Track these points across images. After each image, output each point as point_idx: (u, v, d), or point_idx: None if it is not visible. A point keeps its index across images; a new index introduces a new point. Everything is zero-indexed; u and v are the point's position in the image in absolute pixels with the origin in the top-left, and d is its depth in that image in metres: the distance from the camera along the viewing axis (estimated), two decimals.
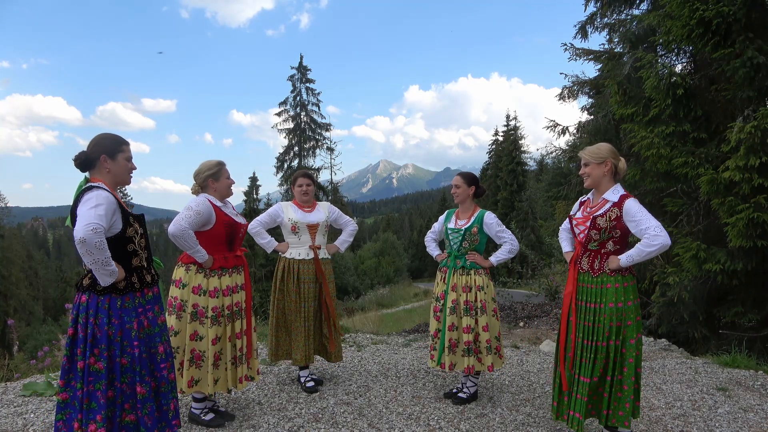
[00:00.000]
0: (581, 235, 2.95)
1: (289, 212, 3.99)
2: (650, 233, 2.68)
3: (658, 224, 2.70)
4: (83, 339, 2.27)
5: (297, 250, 3.97)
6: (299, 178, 4.05)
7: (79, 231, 2.14)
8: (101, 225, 2.19)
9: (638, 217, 2.74)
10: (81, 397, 2.23)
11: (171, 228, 3.00)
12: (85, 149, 2.43)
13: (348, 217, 4.31)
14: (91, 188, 2.31)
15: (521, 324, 8.07)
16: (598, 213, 2.86)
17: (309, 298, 3.91)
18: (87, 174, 2.45)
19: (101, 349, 2.27)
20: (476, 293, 3.64)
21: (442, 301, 3.76)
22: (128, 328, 2.34)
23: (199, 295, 3.15)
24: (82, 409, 2.23)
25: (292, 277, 3.90)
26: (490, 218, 3.71)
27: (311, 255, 3.96)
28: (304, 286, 3.91)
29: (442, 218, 3.98)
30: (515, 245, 3.74)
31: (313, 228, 3.98)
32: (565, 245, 3.25)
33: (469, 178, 3.80)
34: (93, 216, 2.18)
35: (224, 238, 3.22)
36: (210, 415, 3.30)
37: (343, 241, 4.24)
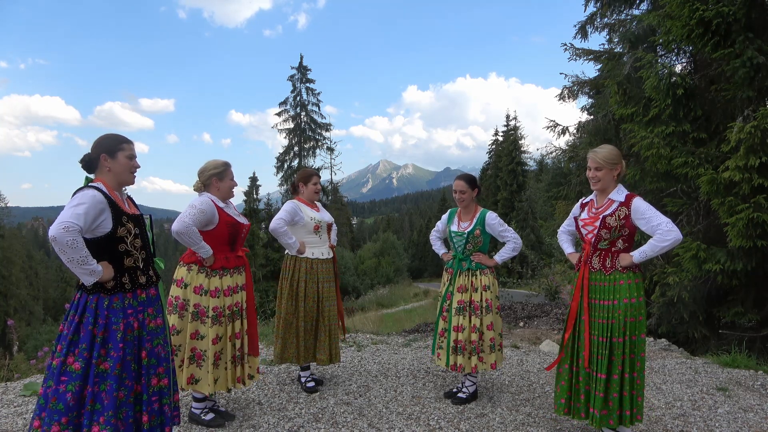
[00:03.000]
0: (590, 236, 3.00)
1: (307, 211, 3.90)
2: (663, 228, 2.76)
3: (669, 220, 2.78)
4: (65, 336, 2.24)
5: (319, 249, 3.93)
6: (314, 176, 4.00)
7: (52, 229, 2.14)
8: (76, 224, 2.17)
9: (648, 214, 2.81)
10: (49, 395, 2.18)
11: (175, 225, 3.01)
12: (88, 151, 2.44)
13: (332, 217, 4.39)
14: (83, 188, 2.32)
15: (521, 324, 8.06)
16: (606, 213, 2.92)
17: (330, 297, 3.93)
18: (92, 175, 2.45)
19: (81, 349, 2.22)
20: (482, 293, 3.67)
21: (448, 302, 3.79)
22: (114, 329, 2.28)
23: (201, 295, 3.16)
24: (47, 407, 2.17)
25: (314, 278, 3.87)
26: (492, 218, 3.72)
27: (331, 254, 4.00)
28: (323, 285, 3.91)
29: (444, 218, 3.99)
30: (519, 243, 3.78)
31: (329, 227, 4.02)
32: (567, 246, 3.33)
33: (472, 181, 3.79)
34: (69, 215, 2.17)
35: (227, 238, 3.23)
36: (210, 415, 3.30)
37: (334, 240, 4.27)
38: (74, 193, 2.30)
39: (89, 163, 2.42)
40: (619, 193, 2.93)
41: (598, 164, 2.96)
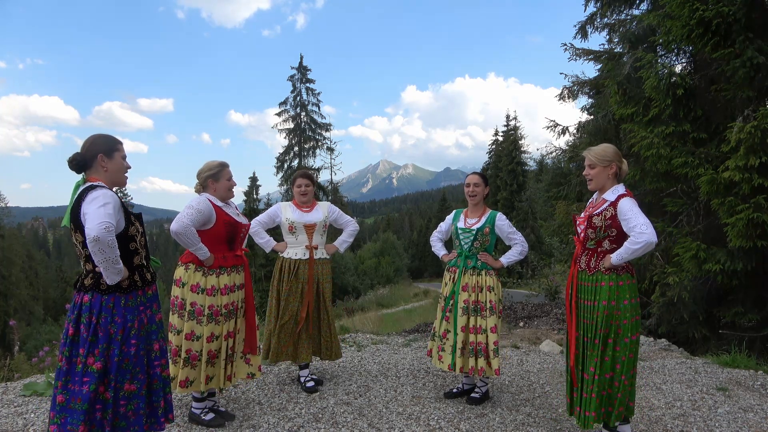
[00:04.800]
0: (581, 234, 2.99)
1: (287, 212, 4.01)
2: (636, 231, 2.70)
3: (646, 222, 2.71)
4: (85, 339, 2.26)
5: (294, 249, 3.99)
6: (298, 178, 4.07)
7: (93, 229, 2.15)
8: (112, 223, 2.21)
9: (628, 215, 2.76)
10: (75, 397, 2.23)
11: (174, 225, 3.03)
12: (79, 151, 2.43)
13: (349, 218, 4.29)
14: (94, 187, 2.31)
15: (521, 324, 8.07)
16: (595, 212, 2.91)
17: (301, 298, 3.92)
18: (83, 175, 2.45)
19: (101, 348, 2.27)
20: (486, 294, 3.64)
21: (452, 302, 3.74)
22: (129, 327, 2.36)
23: (197, 294, 3.18)
24: (69, 408, 2.23)
25: (290, 277, 3.91)
26: (502, 220, 3.73)
27: (308, 255, 3.96)
28: (303, 285, 3.91)
29: (449, 218, 3.96)
30: (526, 247, 3.77)
31: (310, 228, 3.97)
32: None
33: (485, 178, 3.82)
34: (103, 214, 2.20)
35: (224, 237, 3.24)
36: (210, 415, 3.31)
37: (343, 242, 4.24)
38: (84, 193, 2.29)
39: (81, 163, 2.41)
40: (613, 193, 2.88)
41: (591, 162, 2.94)
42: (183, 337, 3.15)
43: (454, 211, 3.98)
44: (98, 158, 2.40)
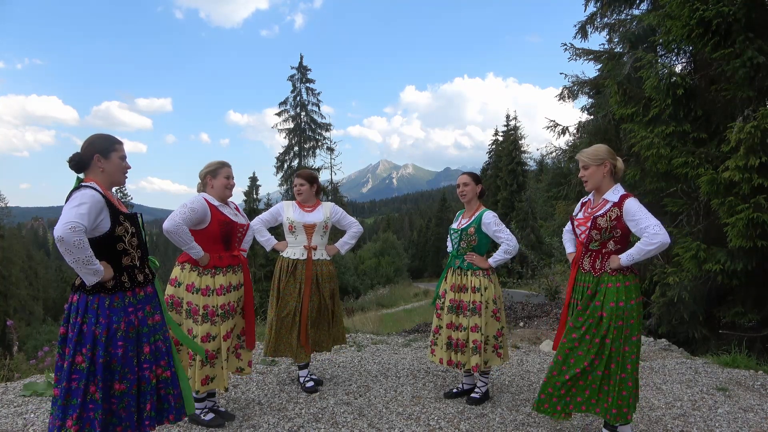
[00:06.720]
0: (582, 236, 2.97)
1: (288, 211, 4.02)
2: (649, 232, 2.70)
3: (658, 223, 2.72)
4: (71, 338, 2.27)
5: (292, 249, 4.00)
6: (294, 178, 4.11)
7: (58, 230, 2.14)
8: (81, 224, 2.18)
9: (638, 216, 2.76)
10: (63, 394, 2.24)
11: (166, 224, 3.04)
12: (79, 150, 2.44)
13: (353, 219, 4.28)
14: (79, 188, 2.32)
15: (521, 324, 8.07)
16: (598, 213, 2.88)
17: (298, 298, 3.93)
18: (81, 175, 2.45)
19: (87, 348, 2.26)
20: (471, 294, 3.63)
21: (442, 300, 3.81)
22: (115, 328, 2.31)
23: (192, 293, 3.18)
24: (61, 404, 2.24)
25: (287, 276, 3.92)
26: (488, 218, 3.68)
27: (306, 255, 3.96)
28: (300, 285, 3.91)
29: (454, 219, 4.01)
30: (512, 245, 3.68)
31: (309, 228, 3.97)
32: (569, 246, 3.30)
33: (475, 176, 3.82)
34: (73, 215, 2.18)
35: (219, 237, 3.23)
36: (210, 415, 3.30)
37: (344, 243, 4.22)
38: (70, 194, 2.31)
39: (79, 163, 2.41)
40: (614, 194, 2.87)
41: (584, 163, 2.94)
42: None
43: (458, 212, 4.01)
44: (94, 159, 2.41)
